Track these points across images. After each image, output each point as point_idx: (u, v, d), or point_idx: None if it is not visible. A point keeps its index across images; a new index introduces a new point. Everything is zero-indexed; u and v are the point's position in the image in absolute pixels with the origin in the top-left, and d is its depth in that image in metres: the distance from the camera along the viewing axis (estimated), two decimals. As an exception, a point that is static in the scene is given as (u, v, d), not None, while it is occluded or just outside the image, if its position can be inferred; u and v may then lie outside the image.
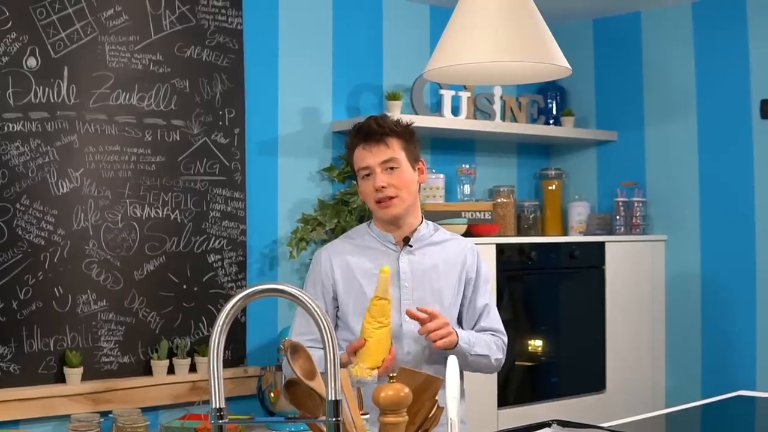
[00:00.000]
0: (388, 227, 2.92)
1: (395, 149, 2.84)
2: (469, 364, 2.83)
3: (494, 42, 2.30)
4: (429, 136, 4.64)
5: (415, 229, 2.93)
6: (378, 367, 2.60)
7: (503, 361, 2.98)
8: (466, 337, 2.81)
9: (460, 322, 2.97)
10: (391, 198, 2.83)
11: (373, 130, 2.83)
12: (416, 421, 1.95)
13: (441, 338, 2.71)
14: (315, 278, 2.94)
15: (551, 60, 2.33)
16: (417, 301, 2.82)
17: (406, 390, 1.83)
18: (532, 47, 2.33)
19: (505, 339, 2.98)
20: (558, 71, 2.46)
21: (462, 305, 2.96)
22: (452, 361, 1.93)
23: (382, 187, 2.82)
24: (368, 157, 2.83)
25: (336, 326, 2.90)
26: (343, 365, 2.64)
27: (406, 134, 2.89)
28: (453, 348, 2.75)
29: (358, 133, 2.87)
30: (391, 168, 2.83)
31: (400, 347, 2.79)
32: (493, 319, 2.98)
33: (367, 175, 2.85)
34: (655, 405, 4.75)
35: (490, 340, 2.91)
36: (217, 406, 1.56)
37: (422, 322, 2.71)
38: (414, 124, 2.97)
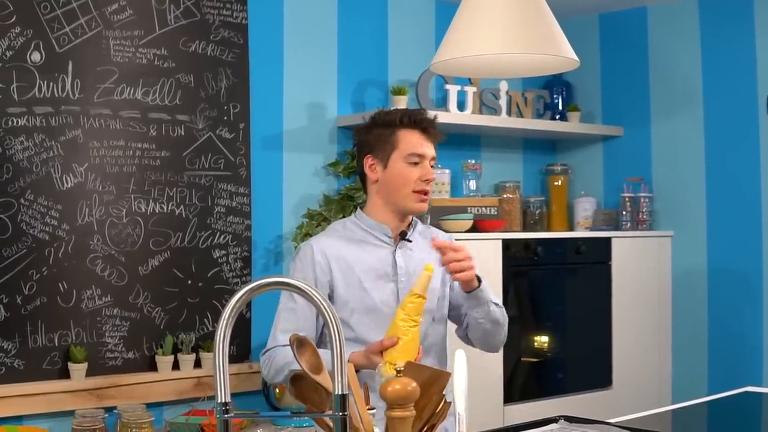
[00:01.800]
0: (393, 218, 2.87)
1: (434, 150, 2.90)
2: (489, 314, 2.78)
3: (501, 34, 2.28)
4: (434, 132, 4.61)
5: (410, 224, 2.91)
6: None
7: (506, 333, 2.93)
8: (484, 282, 2.79)
9: (452, 316, 2.95)
10: (428, 193, 2.87)
11: (431, 124, 2.87)
12: (423, 416, 1.93)
13: (461, 270, 2.68)
14: (306, 273, 2.81)
15: (559, 52, 2.31)
16: None
17: (414, 384, 1.81)
18: (540, 39, 2.31)
19: (505, 313, 2.94)
20: (566, 63, 2.44)
21: (455, 293, 2.91)
22: (460, 355, 1.91)
23: (432, 180, 2.85)
24: (425, 146, 2.84)
25: None
26: (359, 366, 2.59)
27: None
28: (474, 287, 2.73)
29: (418, 121, 2.86)
30: (432, 166, 2.87)
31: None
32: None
33: (416, 163, 2.83)
34: (662, 401, 4.72)
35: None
36: (223, 401, 1.54)
37: (443, 252, 2.68)
38: None
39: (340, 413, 1.54)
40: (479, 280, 2.77)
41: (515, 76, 2.64)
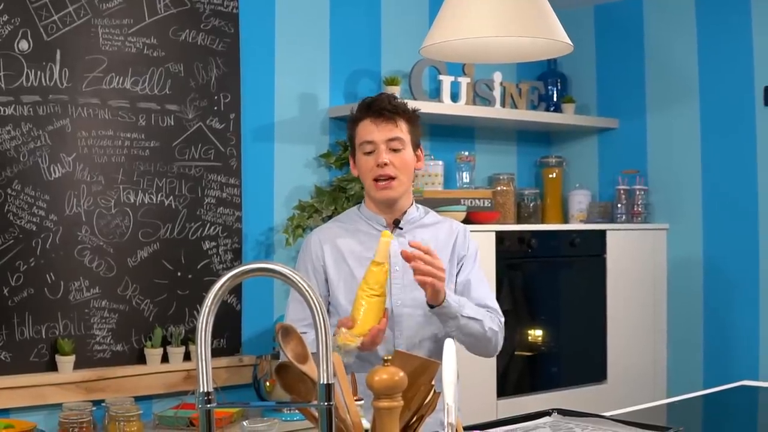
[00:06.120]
0: (380, 208, 2.88)
1: (403, 130, 2.82)
2: (461, 328, 2.71)
3: (494, 17, 2.24)
4: (428, 123, 4.57)
5: (405, 212, 2.89)
6: (364, 335, 2.53)
7: (501, 337, 2.85)
8: (456, 296, 2.73)
9: None
10: (391, 179, 2.80)
11: (385, 107, 2.80)
12: (412, 407, 1.88)
13: (428, 280, 2.58)
14: (306, 261, 2.89)
15: (552, 36, 2.27)
16: (408, 285, 2.75)
17: (401, 374, 1.76)
18: (533, 23, 2.26)
19: (501, 318, 2.87)
20: (559, 48, 2.40)
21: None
22: (449, 344, 1.87)
23: (385, 164, 2.78)
24: (375, 132, 2.79)
25: (328, 311, 2.83)
26: None
27: (414, 118, 2.88)
28: (440, 302, 2.65)
29: (370, 107, 2.83)
30: (395, 149, 2.80)
31: (391, 332, 2.74)
32: (483, 294, 2.88)
33: (370, 151, 2.81)
34: (657, 395, 4.70)
35: (482, 310, 2.81)
36: (205, 390, 1.50)
37: (409, 259, 2.60)
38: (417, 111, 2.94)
39: (326, 403, 1.50)
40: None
41: (507, 61, 2.59)
